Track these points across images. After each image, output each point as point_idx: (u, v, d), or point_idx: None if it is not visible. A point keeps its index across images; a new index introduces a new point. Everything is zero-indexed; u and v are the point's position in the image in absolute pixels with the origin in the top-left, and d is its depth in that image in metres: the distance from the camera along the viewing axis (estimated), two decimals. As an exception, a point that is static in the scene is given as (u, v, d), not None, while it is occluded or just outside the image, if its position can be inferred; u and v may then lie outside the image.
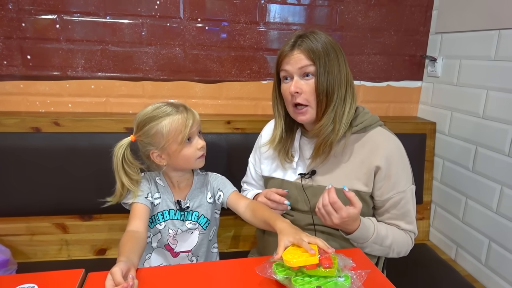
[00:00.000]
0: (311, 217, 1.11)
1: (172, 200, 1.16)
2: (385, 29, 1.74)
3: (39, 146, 1.41)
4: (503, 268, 1.38)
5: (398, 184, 1.07)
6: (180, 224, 1.16)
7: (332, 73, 1.02)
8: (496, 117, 1.40)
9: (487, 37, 1.44)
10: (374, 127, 1.11)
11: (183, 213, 1.16)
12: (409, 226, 1.10)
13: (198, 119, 1.11)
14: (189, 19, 1.56)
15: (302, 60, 1.02)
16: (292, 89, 1.03)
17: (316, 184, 1.10)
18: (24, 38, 1.47)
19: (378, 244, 1.05)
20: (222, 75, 1.66)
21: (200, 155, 1.11)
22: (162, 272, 0.88)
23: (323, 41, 1.03)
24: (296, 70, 1.03)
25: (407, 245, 1.11)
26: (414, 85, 1.84)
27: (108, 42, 1.53)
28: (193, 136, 1.09)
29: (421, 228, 1.79)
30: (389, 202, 1.07)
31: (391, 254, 1.10)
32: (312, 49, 1.01)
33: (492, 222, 1.43)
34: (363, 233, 1.01)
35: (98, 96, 1.58)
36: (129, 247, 0.92)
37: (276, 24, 1.64)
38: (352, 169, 1.08)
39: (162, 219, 1.15)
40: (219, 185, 1.20)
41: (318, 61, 1.01)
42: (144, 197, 1.10)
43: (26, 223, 1.47)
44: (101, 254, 1.55)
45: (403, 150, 1.10)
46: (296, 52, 1.02)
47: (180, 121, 1.05)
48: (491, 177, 1.43)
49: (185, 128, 1.05)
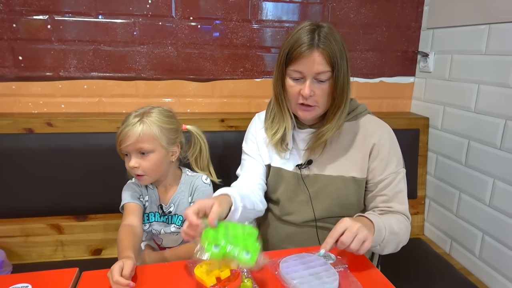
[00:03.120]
0: (312, 210, 1.11)
1: (157, 203, 1.17)
2: (377, 25, 1.75)
3: (32, 147, 1.40)
4: (497, 261, 1.40)
5: (390, 165, 1.08)
6: (164, 226, 1.17)
7: (345, 75, 1.00)
8: (488, 111, 1.42)
9: (477, 31, 1.45)
10: (364, 115, 1.14)
11: (166, 217, 1.18)
12: (402, 207, 1.08)
13: (135, 138, 1.03)
14: (181, 17, 1.56)
15: (321, 66, 0.97)
16: (306, 92, 0.99)
17: (313, 174, 1.11)
18: (15, 39, 1.46)
19: (392, 233, 0.98)
20: (215, 73, 1.66)
21: (135, 174, 1.09)
22: (157, 270, 0.88)
23: (339, 41, 0.99)
24: (312, 74, 0.98)
25: (406, 229, 1.06)
26: (406, 81, 1.85)
27: (100, 42, 1.52)
28: (129, 153, 1.07)
29: (416, 222, 1.80)
30: (382, 184, 1.08)
31: (401, 243, 1.04)
32: (332, 53, 0.96)
33: (485, 215, 1.44)
34: (378, 224, 0.95)
35: (91, 96, 1.58)
36: (132, 243, 0.95)
37: (269, 21, 1.64)
38: (348, 156, 1.10)
39: (147, 220, 1.17)
40: (197, 197, 1.15)
41: (337, 66, 0.97)
42: (136, 197, 1.13)
43: (20, 225, 1.46)
44: (96, 254, 1.54)
45: (393, 135, 1.13)
46: (316, 54, 0.96)
47: (119, 133, 1.07)
48: (484, 171, 1.44)
49: (117, 143, 1.07)
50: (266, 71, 1.70)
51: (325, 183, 1.10)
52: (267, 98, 1.72)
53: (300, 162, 1.13)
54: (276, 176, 1.16)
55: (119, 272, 0.78)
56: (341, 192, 1.10)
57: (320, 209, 1.11)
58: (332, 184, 1.10)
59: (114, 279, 0.77)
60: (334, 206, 1.11)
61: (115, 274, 0.78)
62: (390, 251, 1.03)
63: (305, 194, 1.12)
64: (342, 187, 1.09)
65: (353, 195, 1.10)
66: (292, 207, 1.15)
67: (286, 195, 1.15)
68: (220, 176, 1.28)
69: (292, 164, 1.14)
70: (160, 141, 1.07)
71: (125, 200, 1.13)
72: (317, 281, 0.79)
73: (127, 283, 0.77)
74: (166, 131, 1.09)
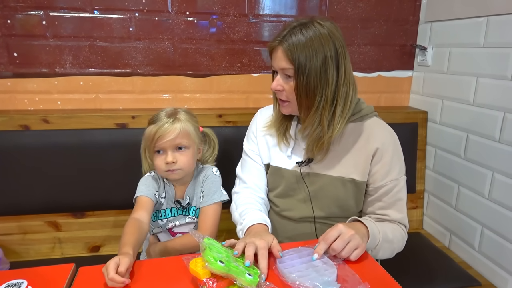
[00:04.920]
0: (311, 208, 1.11)
1: (173, 199, 1.21)
2: (374, 19, 1.74)
3: (28, 144, 1.40)
4: (496, 254, 1.39)
5: (392, 172, 1.06)
6: (180, 218, 1.22)
7: (314, 75, 0.95)
8: (486, 103, 1.41)
9: (475, 24, 1.44)
10: (370, 117, 1.10)
11: (183, 209, 1.23)
12: (399, 215, 1.08)
13: (175, 133, 1.11)
14: (178, 12, 1.55)
15: (283, 62, 0.98)
16: (273, 85, 1.03)
17: (313, 172, 1.10)
18: (10, 35, 1.45)
19: (386, 241, 1.00)
20: (213, 68, 1.65)
21: (167, 169, 1.13)
22: (154, 265, 0.87)
23: (310, 37, 0.95)
24: (278, 70, 1.01)
25: (402, 237, 1.08)
26: (405, 75, 1.85)
27: (96, 37, 1.51)
28: (164, 150, 1.13)
29: (415, 217, 1.80)
30: (382, 190, 1.07)
31: (395, 250, 1.07)
32: (292, 49, 0.95)
33: (484, 208, 1.43)
34: (373, 230, 0.97)
35: (87, 92, 1.57)
36: (135, 239, 0.95)
37: (266, 16, 1.63)
38: (349, 158, 1.08)
39: (164, 216, 1.22)
40: (205, 187, 1.21)
41: (297, 63, 0.95)
42: (152, 193, 1.15)
43: (17, 222, 1.45)
44: (94, 251, 1.54)
45: (397, 141, 1.10)
46: (279, 50, 0.98)
47: (153, 130, 1.11)
48: (483, 164, 1.44)
49: (153, 139, 1.11)
50: (263, 66, 1.69)
51: (324, 183, 1.09)
52: (264, 93, 1.71)
53: (301, 160, 1.11)
54: (275, 175, 1.15)
55: (115, 269, 0.77)
56: (340, 194, 1.08)
57: (319, 208, 1.10)
58: (331, 185, 1.08)
59: (109, 276, 0.76)
60: (332, 206, 1.10)
61: (111, 271, 0.77)
62: (384, 257, 1.05)
63: (305, 193, 1.11)
64: (341, 188, 1.08)
65: (352, 197, 1.09)
66: (291, 204, 1.14)
67: (285, 193, 1.14)
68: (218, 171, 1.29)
69: (292, 162, 1.12)
70: (194, 138, 1.16)
71: (140, 192, 1.14)
72: (315, 274, 0.79)
73: (122, 281, 0.77)
74: (195, 130, 1.18)
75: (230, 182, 1.25)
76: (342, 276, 0.80)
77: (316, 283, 0.75)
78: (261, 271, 0.79)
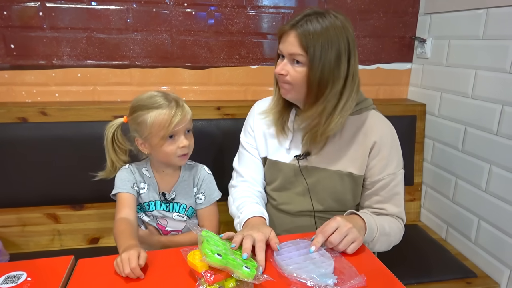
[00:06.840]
0: (309, 201, 1.11)
1: (157, 191, 1.16)
2: (374, 11, 1.73)
3: (26, 136, 1.39)
4: (492, 246, 1.41)
5: (389, 166, 1.06)
6: (166, 213, 1.18)
7: (328, 66, 0.94)
8: (485, 96, 1.41)
9: (475, 16, 1.43)
10: (368, 110, 1.10)
11: (168, 204, 1.17)
12: (397, 209, 1.08)
13: (188, 118, 1.07)
14: (176, 4, 1.54)
15: (294, 47, 0.95)
16: (277, 69, 1.00)
17: (311, 165, 1.10)
18: (6, 26, 1.44)
19: (384, 234, 1.01)
20: (211, 60, 1.64)
21: (181, 154, 1.09)
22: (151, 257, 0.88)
23: (327, 27, 0.92)
24: (287, 54, 0.98)
25: (399, 230, 1.08)
26: (403, 67, 1.84)
27: (94, 29, 1.50)
28: (177, 134, 1.07)
29: (412, 209, 1.81)
30: (379, 184, 1.07)
31: (392, 243, 1.07)
32: (308, 36, 0.92)
33: (481, 201, 1.44)
34: (371, 224, 0.97)
35: (85, 84, 1.56)
36: (133, 233, 0.95)
37: (265, 7, 1.62)
38: (347, 151, 1.07)
39: (148, 209, 1.17)
40: (205, 188, 1.19)
41: (312, 51, 0.92)
42: (130, 187, 1.11)
43: (16, 214, 1.46)
44: (93, 243, 1.55)
45: (395, 135, 1.10)
46: (292, 34, 0.95)
47: (166, 116, 1.03)
48: (480, 156, 1.44)
49: (169, 125, 1.03)
50: (262, 58, 1.68)
51: (322, 176, 1.09)
52: (263, 86, 1.71)
53: (299, 153, 1.11)
54: (272, 169, 1.15)
55: (138, 259, 0.78)
56: (337, 187, 1.08)
57: (317, 201, 1.11)
58: (329, 178, 1.08)
59: (132, 265, 0.76)
60: (330, 200, 1.10)
61: (133, 260, 0.77)
62: (381, 250, 1.05)
63: (303, 186, 1.11)
64: (338, 182, 1.08)
65: (349, 191, 1.09)
66: (288, 198, 1.14)
67: (282, 186, 1.14)
68: (216, 164, 1.29)
69: (290, 156, 1.12)
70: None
71: (118, 188, 1.11)
72: (312, 266, 0.79)
73: (140, 273, 0.78)
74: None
75: (228, 175, 1.25)
76: (339, 268, 0.81)
77: (313, 275, 0.76)
78: (259, 264, 0.79)
